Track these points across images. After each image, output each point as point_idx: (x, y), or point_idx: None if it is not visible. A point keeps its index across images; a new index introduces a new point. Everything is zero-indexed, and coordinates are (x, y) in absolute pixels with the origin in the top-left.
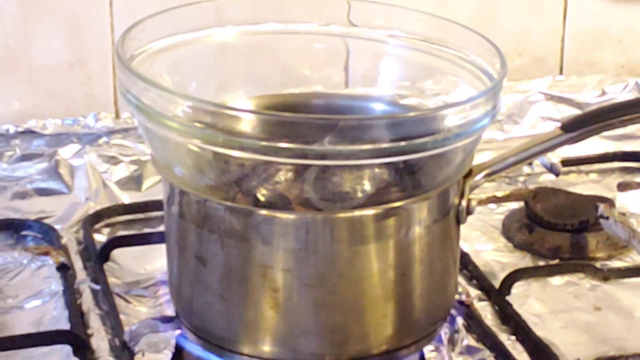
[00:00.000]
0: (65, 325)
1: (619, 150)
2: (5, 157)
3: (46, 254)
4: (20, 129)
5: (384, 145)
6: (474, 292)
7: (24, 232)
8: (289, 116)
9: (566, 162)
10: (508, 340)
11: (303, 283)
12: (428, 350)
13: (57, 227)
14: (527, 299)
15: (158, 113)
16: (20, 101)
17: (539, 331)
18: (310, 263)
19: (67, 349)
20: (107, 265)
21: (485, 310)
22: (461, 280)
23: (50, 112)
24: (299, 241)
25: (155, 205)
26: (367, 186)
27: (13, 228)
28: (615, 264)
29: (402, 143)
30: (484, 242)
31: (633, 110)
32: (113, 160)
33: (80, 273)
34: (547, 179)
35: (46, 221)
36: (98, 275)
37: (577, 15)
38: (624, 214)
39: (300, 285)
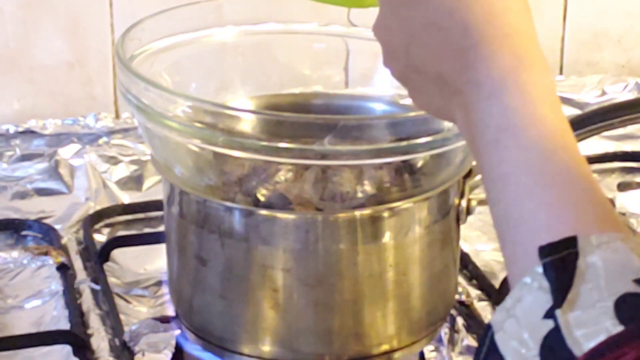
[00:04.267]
0: (65, 325)
1: (619, 150)
2: (5, 157)
3: (46, 254)
4: (20, 129)
5: (384, 145)
6: (474, 292)
7: (24, 232)
8: (289, 116)
9: None
10: None
11: (303, 283)
12: (428, 350)
13: (57, 227)
14: None
15: (158, 113)
16: (20, 101)
17: None
18: (310, 263)
19: (67, 349)
20: (107, 265)
21: (485, 310)
22: (461, 280)
23: (50, 112)
24: (299, 241)
25: (155, 205)
26: (367, 186)
27: (13, 228)
28: None
29: (402, 143)
30: (484, 242)
31: (633, 110)
32: (113, 160)
33: (80, 273)
34: None
35: (46, 221)
36: (98, 275)
37: (577, 15)
38: (624, 214)
39: (300, 285)
